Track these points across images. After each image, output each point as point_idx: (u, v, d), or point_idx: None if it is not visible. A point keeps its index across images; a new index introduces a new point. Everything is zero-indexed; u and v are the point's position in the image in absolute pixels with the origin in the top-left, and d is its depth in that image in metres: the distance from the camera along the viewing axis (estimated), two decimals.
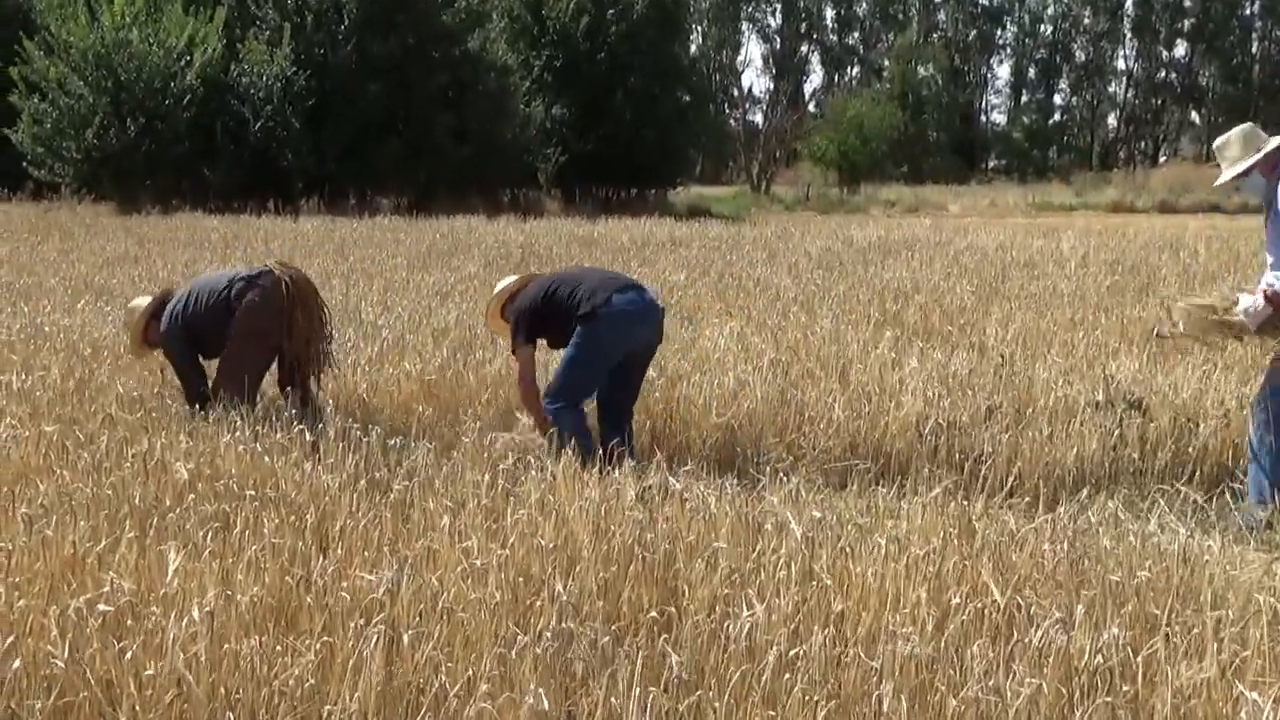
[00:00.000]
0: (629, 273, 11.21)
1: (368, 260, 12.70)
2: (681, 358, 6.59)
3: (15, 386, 5.49)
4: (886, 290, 10.06)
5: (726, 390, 5.78)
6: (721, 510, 3.91)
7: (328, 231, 17.40)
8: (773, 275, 11.39)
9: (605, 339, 5.12)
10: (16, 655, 2.80)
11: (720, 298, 9.62)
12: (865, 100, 49.78)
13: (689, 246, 15.12)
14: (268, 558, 3.43)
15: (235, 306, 5.54)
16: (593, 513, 3.81)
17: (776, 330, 7.73)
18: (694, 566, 3.47)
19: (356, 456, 4.41)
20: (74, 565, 3.41)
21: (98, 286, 10.37)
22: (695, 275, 11.27)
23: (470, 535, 3.66)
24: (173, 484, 4.11)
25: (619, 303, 5.12)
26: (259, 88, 25.92)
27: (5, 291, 9.93)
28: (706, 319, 8.43)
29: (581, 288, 5.21)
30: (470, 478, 4.24)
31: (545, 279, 5.44)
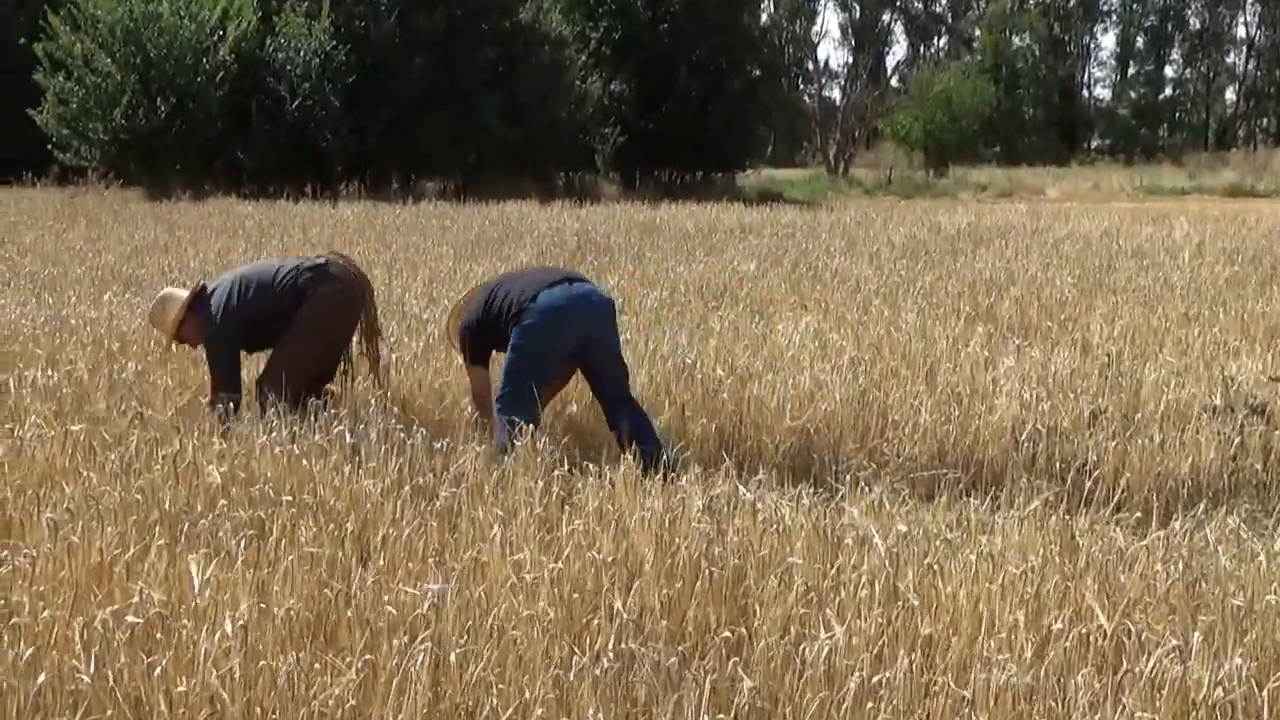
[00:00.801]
0: (694, 263, 11.23)
1: (412, 249, 12.82)
2: (752, 355, 6.57)
3: (40, 383, 5.60)
4: (978, 282, 9.96)
5: (802, 391, 5.76)
6: (796, 522, 3.90)
7: (369, 218, 17.58)
8: (852, 265, 11.33)
9: (534, 337, 5.22)
10: (41, 669, 2.85)
11: (794, 290, 9.58)
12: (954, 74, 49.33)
13: (760, 234, 15.08)
14: (305, 568, 3.47)
15: (307, 296, 5.55)
16: (655, 523, 3.81)
17: (857, 325, 7.69)
18: (766, 583, 3.45)
19: (400, 460, 4.45)
20: (101, 574, 3.47)
21: (126, 277, 10.56)
22: (767, 265, 11.24)
23: (522, 547, 3.67)
24: (205, 488, 4.18)
25: (545, 299, 5.24)
26: (296, 64, 26.24)
27: (29, 282, 10.15)
28: (779, 313, 8.40)
29: (515, 290, 5.35)
30: (522, 484, 4.26)
31: (486, 286, 5.59)
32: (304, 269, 5.64)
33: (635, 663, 2.92)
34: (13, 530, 3.84)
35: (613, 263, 11.35)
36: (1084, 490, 4.56)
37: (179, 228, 15.98)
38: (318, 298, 5.56)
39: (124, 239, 14.35)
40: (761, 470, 4.74)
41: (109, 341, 6.79)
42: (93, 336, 6.91)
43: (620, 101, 31.06)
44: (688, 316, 8.02)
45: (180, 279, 10.17)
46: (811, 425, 5.51)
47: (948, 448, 5.37)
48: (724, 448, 5.38)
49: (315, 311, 5.55)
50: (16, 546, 3.63)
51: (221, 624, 3.02)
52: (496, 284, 5.53)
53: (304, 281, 5.58)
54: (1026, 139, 55.41)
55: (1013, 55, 58.36)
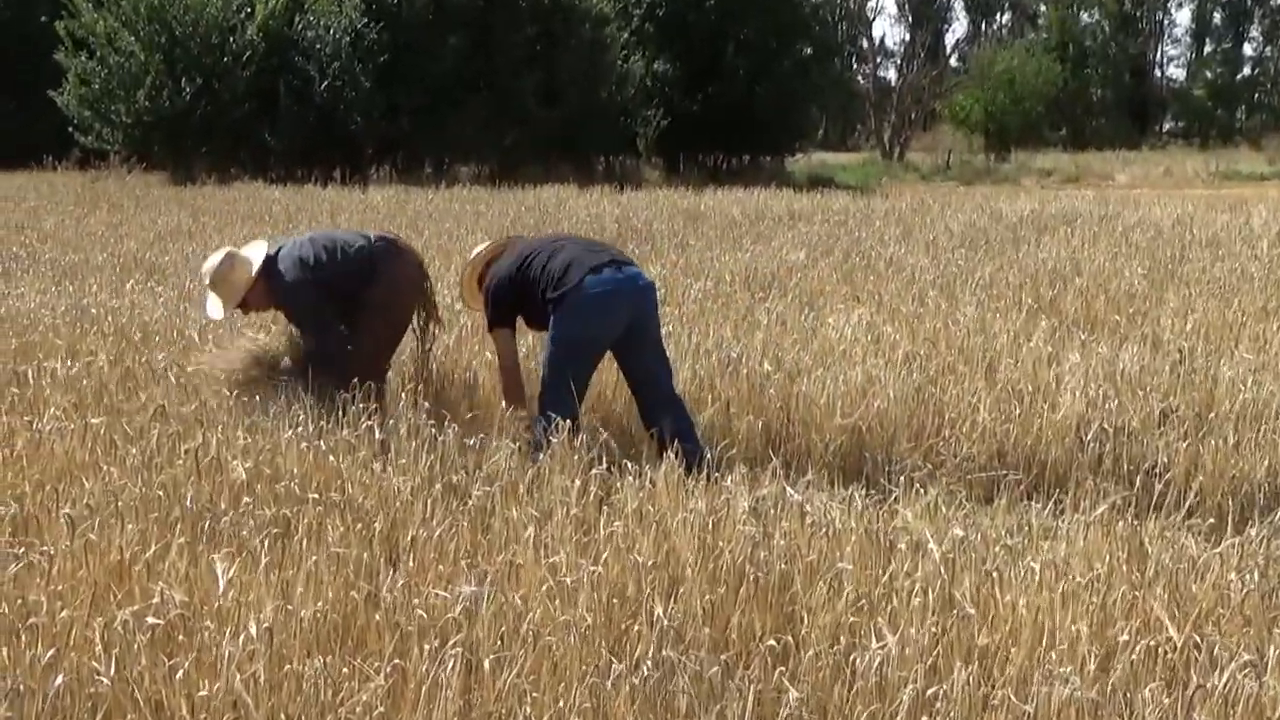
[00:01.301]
0: (740, 252, 11.21)
1: (445, 236, 12.87)
2: (801, 349, 6.55)
3: (60, 374, 5.67)
4: (1041, 273, 9.89)
5: (853, 387, 5.74)
6: (847, 526, 3.89)
7: (400, 203, 17.68)
8: (907, 255, 11.27)
9: (579, 328, 5.16)
10: (59, 671, 2.89)
11: (846, 280, 9.55)
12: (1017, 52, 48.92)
13: (810, 221, 15.03)
14: (332, 569, 3.50)
15: (382, 272, 5.54)
16: (698, 526, 3.81)
17: (912, 318, 7.65)
18: (815, 590, 3.45)
19: (431, 457, 4.47)
20: (121, 573, 3.52)
21: (148, 264, 10.68)
22: (817, 254, 11.20)
23: (558, 549, 3.69)
24: (228, 484, 4.22)
25: (592, 285, 5.16)
26: (326, 42, 26.43)
27: (49, 269, 10.29)
28: (830, 305, 8.37)
29: (555, 262, 5.25)
30: (559, 483, 4.27)
31: (522, 246, 5.47)
32: (378, 239, 5.67)
33: (676, 672, 2.92)
34: (30, 526, 3.90)
35: (655, 251, 11.35)
36: (1153, 494, 4.51)
37: (204, 213, 16.14)
38: (395, 272, 5.58)
39: (147, 225, 14.51)
40: (810, 470, 4.73)
41: (131, 331, 6.86)
42: (114, 326, 6.99)
43: (664, 82, 31.04)
44: (733, 308, 8.00)
45: None
46: (863, 423, 5.49)
47: (1008, 448, 5.34)
48: (771, 446, 5.37)
49: (394, 287, 5.57)
50: (34, 544, 3.69)
51: (245, 626, 3.05)
52: (535, 249, 5.38)
53: (379, 252, 5.59)
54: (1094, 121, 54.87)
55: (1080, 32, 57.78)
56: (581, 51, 28.37)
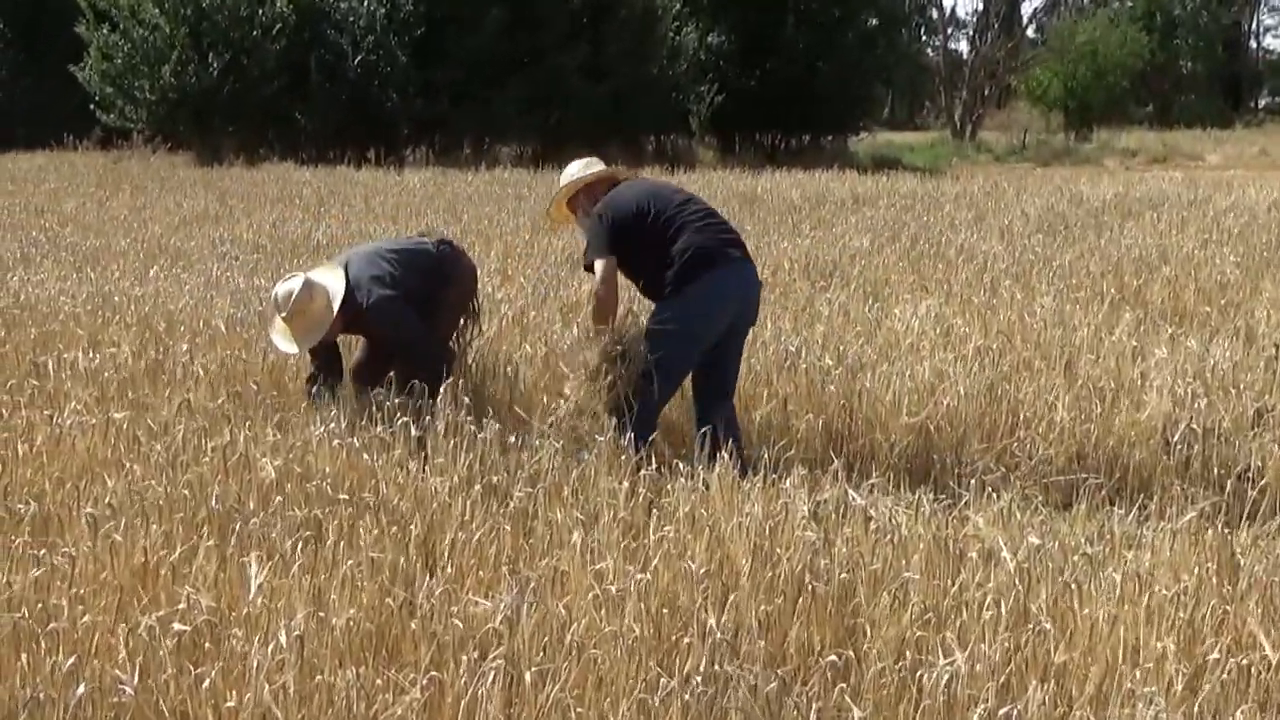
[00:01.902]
0: (799, 238, 11.18)
1: (484, 221, 12.93)
2: (865, 343, 6.54)
3: (81, 366, 5.76)
4: (1125, 261, 9.81)
5: (921, 383, 5.72)
6: (914, 532, 3.88)
7: (438, 186, 17.78)
8: (980, 241, 11.20)
9: (695, 321, 5.15)
10: (82, 679, 2.94)
11: (914, 269, 9.51)
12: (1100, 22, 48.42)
13: (875, 205, 14.97)
14: (365, 575, 3.53)
15: (451, 272, 5.74)
16: (754, 531, 3.82)
17: (984, 310, 7.60)
18: (879, 601, 3.44)
19: (470, 456, 4.50)
20: (145, 576, 3.57)
21: (173, 250, 10.81)
22: (883, 241, 11.16)
23: (605, 555, 3.70)
24: (257, 484, 4.27)
25: (719, 279, 5.16)
26: (359, 15, 26.59)
27: (70, 254, 10.43)
28: (896, 295, 8.35)
29: (680, 239, 5.20)
30: (605, 485, 4.29)
31: (640, 192, 5.41)
32: (442, 242, 5.87)
33: (730, 687, 2.93)
34: (51, 526, 3.96)
35: None
36: (1246, 500, 4.46)
37: (231, 196, 16.30)
38: (462, 273, 5.81)
39: (171, 208, 14.67)
40: (874, 473, 4.72)
41: (156, 321, 6.95)
42: (138, 316, 7.08)
43: (719, 56, 30.96)
44: (792, 298, 7.99)
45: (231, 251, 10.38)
46: (932, 422, 5.47)
47: (1088, 449, 5.30)
48: (832, 447, 5.36)
49: (460, 289, 5.78)
50: (55, 544, 3.75)
51: (275, 634, 3.08)
52: (655, 203, 5.29)
53: (444, 256, 5.77)
54: (1184, 97, 54.21)
55: (1169, 1, 57.10)
56: (631, 24, 28.36)
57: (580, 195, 5.56)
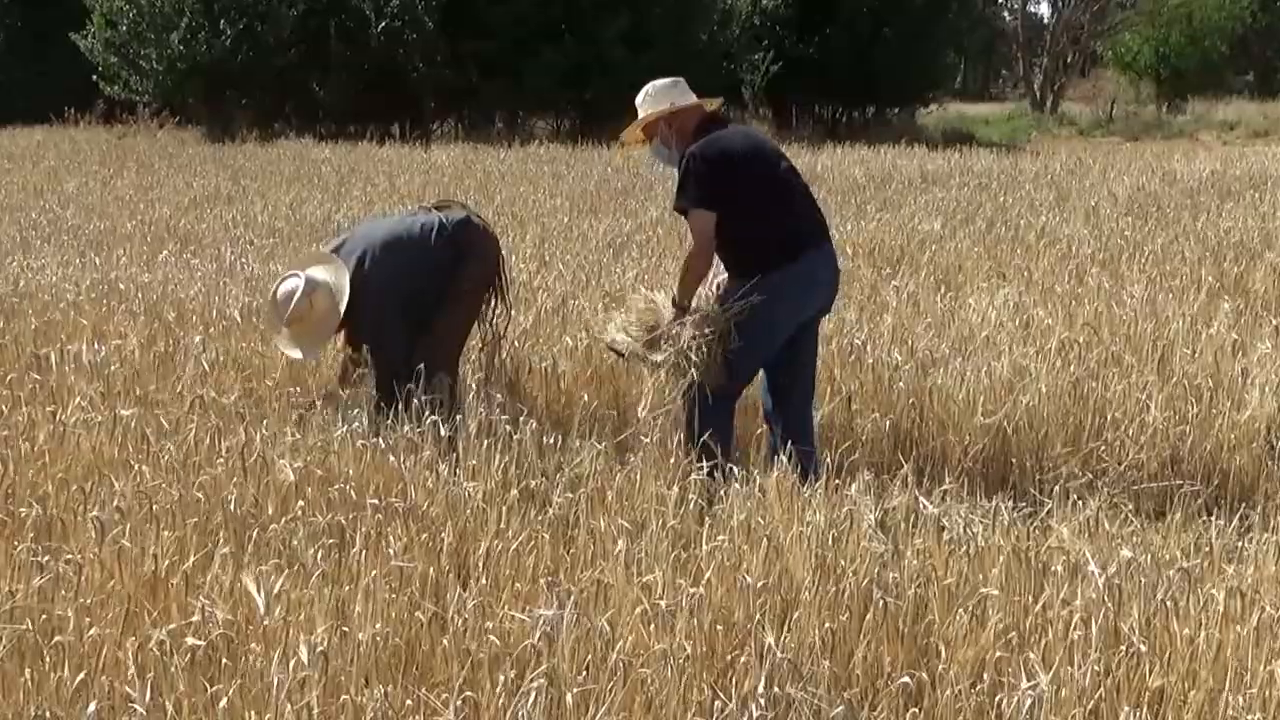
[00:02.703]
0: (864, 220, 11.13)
1: (519, 201, 12.97)
2: (936, 336, 6.51)
3: (85, 359, 5.81)
4: (1224, 246, 9.73)
5: (998, 380, 5.70)
6: (992, 544, 3.86)
7: (467, 164, 17.84)
8: (1062, 224, 11.14)
9: (784, 308, 5.12)
10: (90, 696, 2.97)
11: (990, 254, 9.46)
12: None
13: (946, 185, 14.91)
14: (393, 586, 3.55)
15: (467, 251, 5.63)
16: (816, 542, 3.81)
17: (1068, 299, 7.56)
18: (954, 619, 3.44)
19: (505, 458, 4.52)
20: (155, 586, 3.60)
21: (183, 233, 10.90)
22: (955, 224, 11.11)
23: (653, 567, 3.70)
24: (275, 487, 4.30)
25: (810, 266, 5.14)
26: None
27: (72, 238, 10.55)
28: (971, 283, 8.32)
29: (781, 210, 5.15)
30: (653, 490, 4.29)
31: (746, 144, 5.32)
32: (454, 220, 5.68)
33: (791, 711, 2.93)
34: (55, 531, 4.00)
35: None
36: None
37: (244, 175, 16.42)
38: (478, 255, 5.67)
39: (181, 188, 14.80)
40: (948, 478, 4.72)
41: (165, 310, 7.01)
42: (145, 304, 7.15)
43: (774, 21, 30.87)
44: (857, 287, 7.97)
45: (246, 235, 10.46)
46: (1010, 423, 5.45)
47: (1183, 454, 5.27)
48: (900, 449, 5.37)
49: (472, 276, 5.66)
50: (60, 550, 3.79)
51: (296, 649, 3.10)
52: (765, 164, 5.23)
53: (460, 237, 5.63)
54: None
55: None
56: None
57: (662, 121, 5.39)
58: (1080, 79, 46.85)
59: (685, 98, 5.38)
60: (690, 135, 5.28)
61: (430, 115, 26.94)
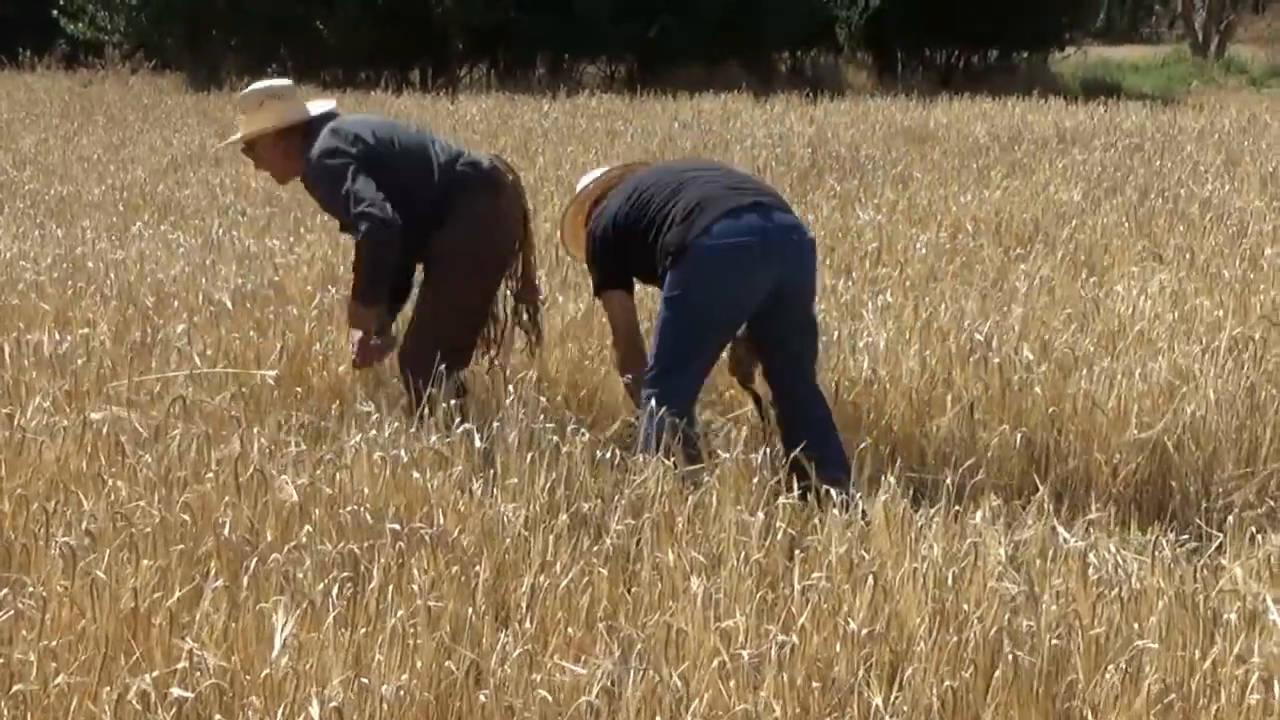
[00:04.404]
0: (987, 189, 11.08)
1: (566, 163, 12.96)
2: (1078, 330, 6.48)
3: (47, 351, 5.86)
4: None
5: (1155, 385, 5.67)
6: (1149, 586, 3.85)
7: (502, 117, 17.85)
8: (1233, 194, 11.03)
9: (706, 289, 5.17)
10: None
11: (1142, 231, 9.39)
12: None
13: (1088, 146, 14.80)
14: (420, 629, 3.56)
15: (456, 201, 5.60)
16: (932, 581, 3.81)
17: (1241, 287, 7.49)
18: (1102, 677, 3.42)
19: (552, 476, 4.53)
20: (135, 625, 3.63)
21: (161, 200, 10.97)
22: (1100, 194, 11.03)
23: (733, 609, 3.70)
24: (276, 508, 4.32)
25: (725, 232, 5.15)
26: None
27: (29, 205, 10.64)
28: (1119, 266, 8.26)
29: (678, 201, 5.25)
30: (731, 516, 4.28)
31: (637, 179, 5.51)
32: (464, 160, 5.69)
33: None
34: (14, 558, 4.04)
35: (864, 188, 11.29)
36: None
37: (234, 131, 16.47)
38: (474, 217, 5.61)
39: (158, 146, 14.89)
40: (1093, 504, 4.69)
41: (142, 293, 7.05)
42: (118, 286, 7.19)
43: None
44: (979, 270, 7.94)
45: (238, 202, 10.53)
46: (1170, 438, 5.41)
47: None
48: (1035, 468, 5.34)
49: (469, 239, 5.61)
50: (19, 582, 3.83)
51: (304, 705, 3.12)
52: (653, 182, 5.44)
53: (461, 176, 5.63)
54: None
55: None
56: None
57: (591, 212, 5.63)
58: (1253, 17, 46.42)
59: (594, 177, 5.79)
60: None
61: (458, 59, 26.97)
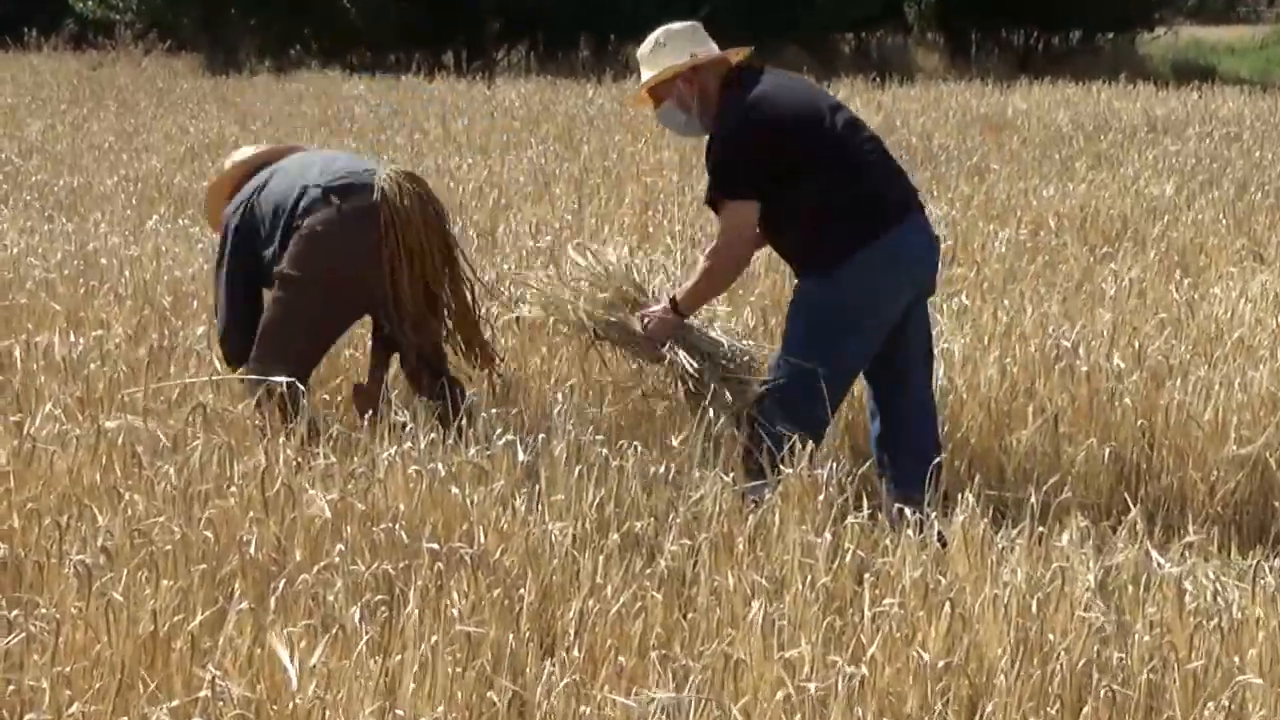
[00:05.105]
0: (1071, 182, 11.04)
1: (613, 153, 12.98)
2: (1171, 336, 6.45)
3: (58, 354, 5.88)
4: None
5: (1256, 397, 5.66)
6: (1251, 615, 3.83)
7: (544, 104, 17.87)
8: None
9: (876, 295, 5.13)
10: None
11: (1241, 229, 9.35)
12: None
13: (1180, 135, 14.73)
14: (459, 657, 3.57)
15: (298, 228, 5.65)
16: (1015, 608, 3.80)
17: None
18: (1200, 715, 3.41)
19: (601, 492, 4.53)
20: (154, 650, 3.65)
21: (179, 192, 11.03)
22: (1195, 188, 10.98)
23: (798, 638, 3.70)
24: (305, 525, 4.33)
25: (891, 243, 5.12)
26: None
27: (37, 198, 10.69)
28: (1216, 267, 8.24)
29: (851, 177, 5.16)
30: (796, 536, 4.27)
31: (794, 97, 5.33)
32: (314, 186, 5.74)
33: None
34: (25, 578, 4.06)
35: (937, 179, 11.28)
36: None
37: (254, 117, 16.57)
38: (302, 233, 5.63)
39: (174, 133, 14.96)
40: (1190, 526, 4.67)
41: (159, 292, 7.08)
42: (134, 284, 7.22)
43: None
44: (1063, 271, 7.91)
45: None
46: (1273, 453, 5.39)
47: None
48: (1125, 487, 5.33)
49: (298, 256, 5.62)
50: (31, 603, 3.84)
51: None
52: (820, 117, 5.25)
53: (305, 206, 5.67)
54: None
55: None
56: None
57: (680, 79, 5.39)
58: None
59: (706, 47, 5.42)
60: (715, 96, 5.33)
61: (494, 40, 27.00)
